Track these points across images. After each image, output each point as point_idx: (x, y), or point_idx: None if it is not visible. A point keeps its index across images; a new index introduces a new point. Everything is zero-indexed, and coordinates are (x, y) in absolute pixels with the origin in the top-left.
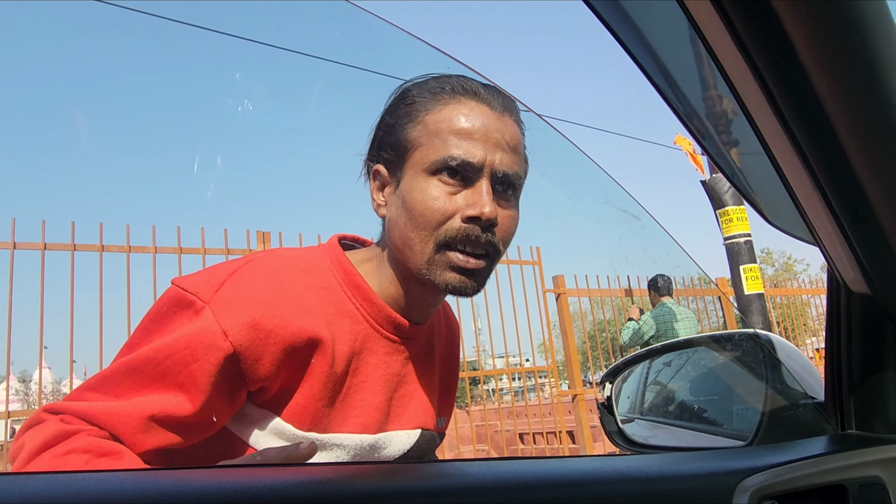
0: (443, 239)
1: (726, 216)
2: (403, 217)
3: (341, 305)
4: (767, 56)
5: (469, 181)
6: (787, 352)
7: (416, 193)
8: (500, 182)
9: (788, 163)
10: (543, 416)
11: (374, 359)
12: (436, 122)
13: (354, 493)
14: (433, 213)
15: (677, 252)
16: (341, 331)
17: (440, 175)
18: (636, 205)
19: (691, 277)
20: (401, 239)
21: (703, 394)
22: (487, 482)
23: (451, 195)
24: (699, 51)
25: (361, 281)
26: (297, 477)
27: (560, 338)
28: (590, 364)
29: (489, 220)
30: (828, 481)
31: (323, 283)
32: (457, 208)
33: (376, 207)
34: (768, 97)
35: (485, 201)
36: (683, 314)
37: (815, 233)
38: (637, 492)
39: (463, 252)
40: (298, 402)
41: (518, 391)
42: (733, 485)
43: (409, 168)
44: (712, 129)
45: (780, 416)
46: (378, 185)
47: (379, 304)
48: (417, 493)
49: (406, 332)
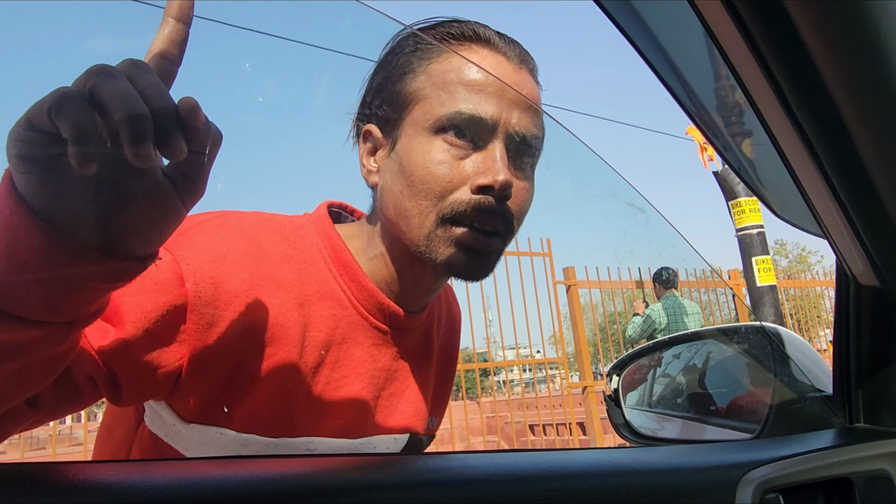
0: (448, 212)
1: (739, 207)
2: (400, 184)
3: (324, 285)
4: (775, 47)
5: (480, 143)
6: (796, 345)
7: (416, 156)
8: (516, 146)
9: (796, 155)
10: (553, 407)
11: (358, 351)
12: (442, 73)
13: (355, 484)
14: (436, 180)
15: (683, 245)
16: (318, 315)
17: (446, 135)
18: (641, 198)
19: (703, 270)
20: (396, 210)
21: (710, 387)
22: (490, 474)
23: (459, 159)
24: (706, 43)
25: (350, 259)
26: (296, 469)
27: (570, 330)
28: (600, 356)
29: (504, 191)
30: (834, 475)
31: (305, 257)
32: (465, 175)
33: (366, 174)
34: (775, 89)
35: (499, 167)
36: (690, 307)
37: (823, 225)
38: (640, 484)
39: (471, 228)
40: (258, 404)
41: (528, 383)
42: (737, 478)
43: (408, 126)
44: (720, 121)
45: (787, 409)
46: (369, 149)
47: (369, 288)
48: (419, 484)
49: (399, 322)
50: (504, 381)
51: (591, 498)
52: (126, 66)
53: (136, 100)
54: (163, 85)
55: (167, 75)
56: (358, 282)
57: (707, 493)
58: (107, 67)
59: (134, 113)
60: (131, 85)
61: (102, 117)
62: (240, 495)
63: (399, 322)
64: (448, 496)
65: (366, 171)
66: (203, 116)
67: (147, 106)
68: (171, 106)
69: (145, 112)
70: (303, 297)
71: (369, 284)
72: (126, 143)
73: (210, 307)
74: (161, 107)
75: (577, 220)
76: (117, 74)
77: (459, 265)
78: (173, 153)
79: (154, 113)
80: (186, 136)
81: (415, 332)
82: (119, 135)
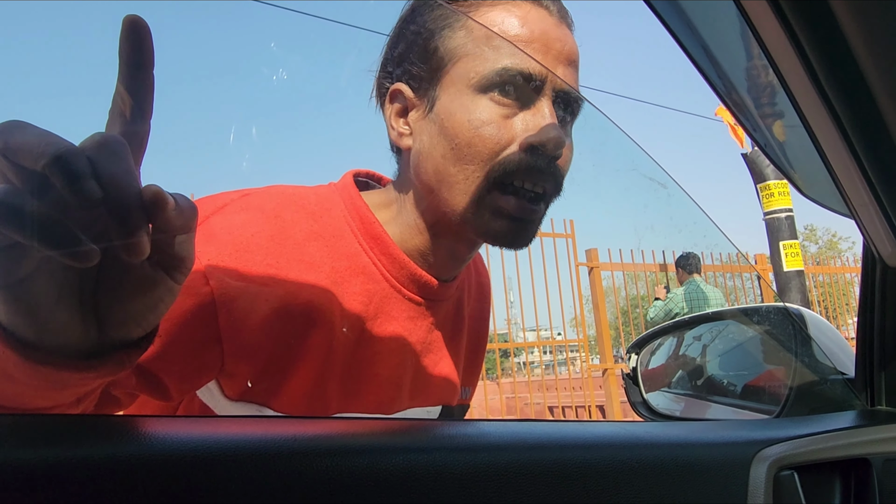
0: (498, 174)
1: (767, 190)
2: (442, 147)
3: (355, 260)
4: (807, 25)
5: (527, 101)
6: (819, 326)
7: (461, 116)
8: (563, 103)
9: (824, 131)
10: (573, 389)
11: (393, 325)
12: (483, 28)
13: (369, 446)
14: (484, 143)
15: (704, 221)
16: (352, 292)
17: (492, 93)
18: (663, 173)
19: (728, 254)
20: (436, 176)
21: (730, 367)
22: (504, 441)
23: (507, 118)
24: (738, 23)
25: (381, 230)
26: (319, 431)
27: (592, 312)
28: (621, 339)
29: (558, 149)
30: (851, 455)
31: (333, 232)
32: (514, 135)
33: (397, 137)
34: (807, 66)
35: (552, 126)
36: (712, 292)
37: (850, 205)
38: (654, 456)
39: (518, 195)
40: (295, 386)
41: (549, 365)
42: (752, 454)
43: (449, 85)
44: (750, 101)
45: (807, 390)
46: (398, 109)
47: (402, 260)
48: (436, 448)
49: (433, 293)
50: (524, 363)
51: (604, 468)
52: (93, 145)
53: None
54: (133, 172)
55: (138, 140)
56: (389, 254)
57: (721, 468)
58: (69, 152)
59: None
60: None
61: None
62: (257, 453)
63: (433, 293)
64: (463, 461)
65: (396, 134)
66: (171, 201)
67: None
68: (136, 200)
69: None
70: (335, 275)
71: (401, 256)
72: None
73: (239, 300)
74: (124, 203)
75: (597, 198)
76: (80, 162)
77: (504, 235)
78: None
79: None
80: (156, 226)
81: (448, 301)
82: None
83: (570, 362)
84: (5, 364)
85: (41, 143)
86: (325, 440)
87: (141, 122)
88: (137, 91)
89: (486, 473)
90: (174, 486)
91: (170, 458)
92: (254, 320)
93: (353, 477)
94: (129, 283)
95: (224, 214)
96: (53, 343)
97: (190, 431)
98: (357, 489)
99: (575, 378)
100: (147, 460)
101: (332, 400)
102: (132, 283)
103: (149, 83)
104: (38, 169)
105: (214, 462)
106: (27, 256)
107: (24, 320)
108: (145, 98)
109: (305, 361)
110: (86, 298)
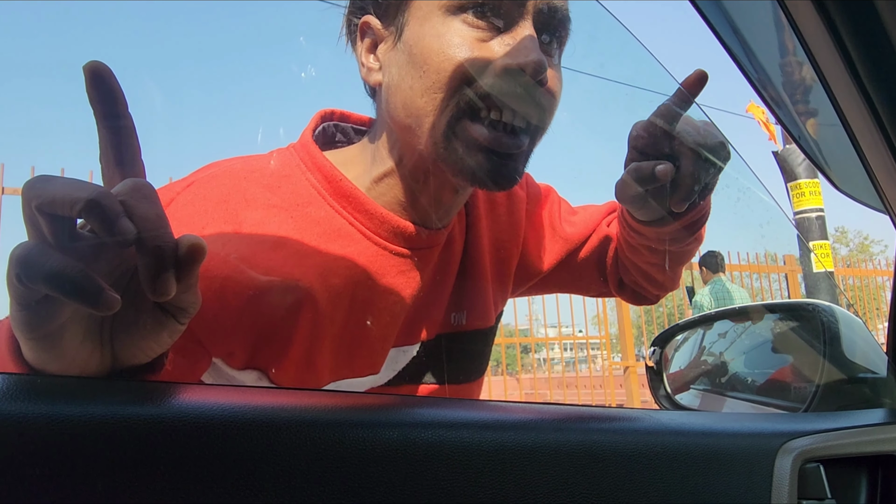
0: (470, 101)
1: (798, 189)
2: (410, 78)
3: (328, 224)
4: (851, 22)
5: (505, 24)
6: (849, 324)
7: (429, 41)
8: (546, 26)
9: (862, 127)
10: (594, 387)
11: (384, 281)
12: None
13: (402, 421)
14: (455, 68)
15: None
16: (331, 258)
17: (464, 15)
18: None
19: (756, 254)
20: (406, 110)
21: (755, 364)
22: (528, 421)
23: (481, 42)
24: (777, 16)
25: (350, 187)
26: (337, 402)
27: (615, 310)
28: (644, 338)
29: (538, 73)
30: (879, 451)
31: (297, 199)
32: (489, 60)
33: (366, 74)
34: (845, 59)
35: (531, 47)
36: (738, 291)
37: (885, 200)
38: (679, 443)
39: (494, 126)
40: (287, 359)
41: (569, 362)
42: (778, 446)
43: (416, 9)
44: (786, 95)
45: (836, 387)
46: (368, 45)
47: (380, 214)
48: (463, 425)
49: (421, 242)
50: (545, 359)
51: (630, 452)
52: (127, 190)
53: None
54: (163, 216)
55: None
56: (365, 210)
57: (746, 458)
58: (101, 195)
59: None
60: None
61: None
62: (249, 422)
63: (420, 242)
64: (490, 438)
65: (365, 71)
66: (205, 250)
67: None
68: (171, 242)
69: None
70: (305, 245)
71: (379, 210)
72: (145, 278)
73: (208, 302)
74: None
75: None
76: (113, 203)
77: (481, 171)
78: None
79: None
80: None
81: (440, 245)
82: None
83: (591, 360)
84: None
85: (73, 191)
86: (356, 412)
87: (132, 167)
88: (120, 139)
89: (512, 451)
90: (183, 451)
91: (182, 422)
92: (228, 316)
93: (385, 449)
94: (140, 323)
95: (170, 213)
96: (73, 373)
97: (201, 399)
98: (387, 461)
99: (596, 376)
100: (161, 423)
101: (327, 371)
102: (143, 324)
103: (129, 127)
104: (73, 215)
105: (227, 429)
106: (63, 307)
107: (52, 360)
108: (129, 142)
109: (295, 338)
110: (105, 336)
